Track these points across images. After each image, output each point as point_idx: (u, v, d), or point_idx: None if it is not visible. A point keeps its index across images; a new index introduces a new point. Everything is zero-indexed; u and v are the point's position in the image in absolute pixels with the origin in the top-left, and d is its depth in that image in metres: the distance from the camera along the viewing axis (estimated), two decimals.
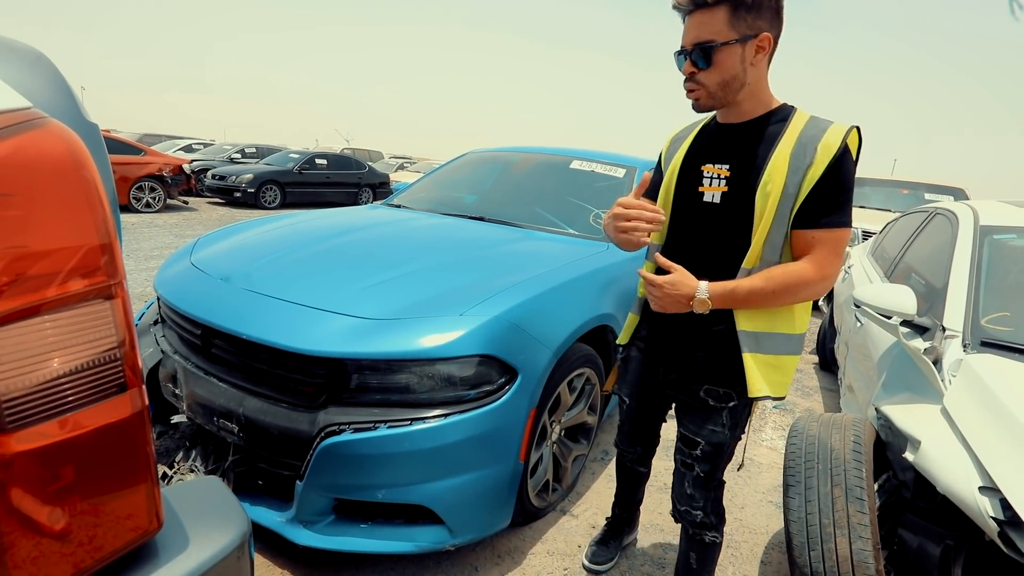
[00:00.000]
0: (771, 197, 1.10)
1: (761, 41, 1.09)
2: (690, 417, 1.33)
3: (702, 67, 1.11)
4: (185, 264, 2.00)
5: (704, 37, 1.09)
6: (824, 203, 1.09)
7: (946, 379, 1.54)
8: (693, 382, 1.30)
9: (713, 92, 1.13)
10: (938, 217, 2.46)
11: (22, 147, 0.43)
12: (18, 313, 0.44)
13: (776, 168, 1.10)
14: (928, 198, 6.11)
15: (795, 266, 1.12)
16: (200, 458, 1.73)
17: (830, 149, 1.07)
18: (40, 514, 0.49)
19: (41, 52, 0.97)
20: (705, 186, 1.21)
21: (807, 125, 1.12)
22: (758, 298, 1.13)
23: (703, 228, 1.23)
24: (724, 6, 1.06)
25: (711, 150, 1.23)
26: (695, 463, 1.34)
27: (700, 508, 1.38)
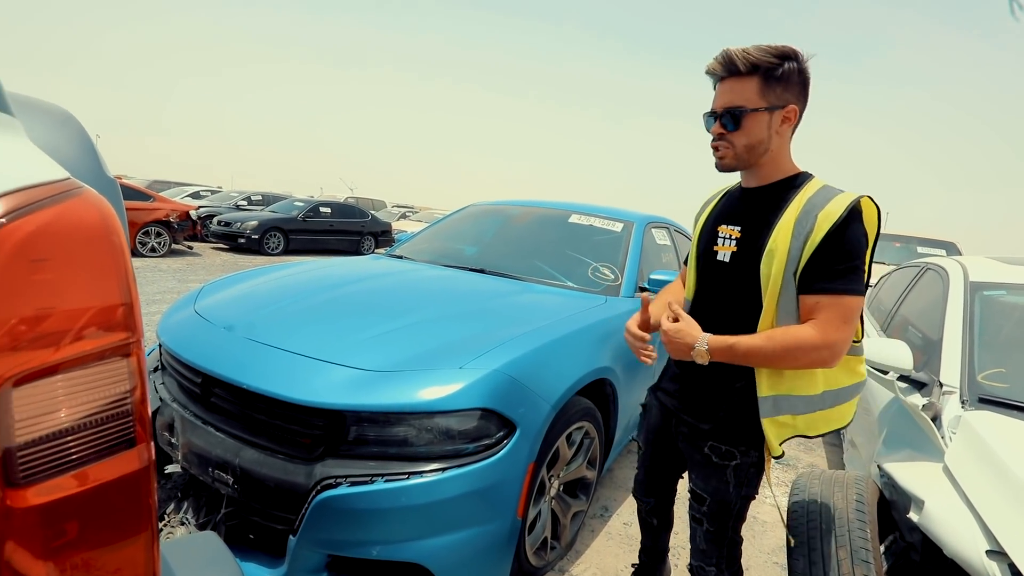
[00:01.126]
0: (776, 260, 1.13)
1: (787, 112, 1.16)
2: (697, 472, 1.35)
3: (730, 129, 1.17)
4: (189, 312, 2.02)
5: (735, 103, 1.15)
6: (825, 269, 1.10)
7: (946, 436, 1.54)
8: (699, 437, 1.31)
9: (739, 153, 1.18)
10: (929, 272, 2.51)
11: (59, 216, 0.47)
12: (42, 370, 0.46)
13: (781, 232, 1.14)
14: (920, 251, 6.22)
15: (797, 328, 1.12)
16: (192, 510, 1.69)
17: (831, 217, 1.09)
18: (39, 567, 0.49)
19: (70, 113, 1.04)
20: (719, 245, 1.27)
21: (816, 193, 1.15)
22: (758, 357, 1.13)
23: (717, 286, 1.28)
24: (756, 76, 1.13)
25: (729, 212, 1.30)
26: (704, 519, 1.34)
27: (714, 564, 1.37)
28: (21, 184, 0.48)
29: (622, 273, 2.67)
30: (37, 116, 0.95)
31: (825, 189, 1.16)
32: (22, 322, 0.45)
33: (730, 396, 1.25)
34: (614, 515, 2.41)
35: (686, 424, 1.35)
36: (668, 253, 3.41)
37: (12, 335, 0.45)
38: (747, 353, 1.13)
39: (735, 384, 1.24)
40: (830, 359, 1.11)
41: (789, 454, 3.35)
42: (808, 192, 1.16)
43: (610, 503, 2.50)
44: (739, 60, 1.13)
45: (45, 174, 0.50)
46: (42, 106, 0.98)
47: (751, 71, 1.13)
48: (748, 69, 1.13)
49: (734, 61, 1.14)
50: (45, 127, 0.93)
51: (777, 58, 1.12)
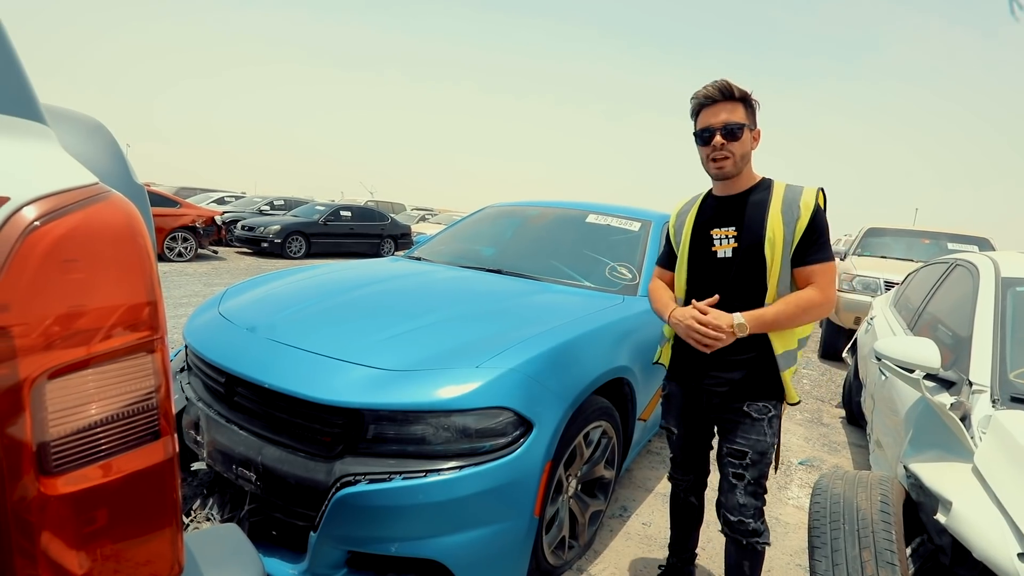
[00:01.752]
0: (776, 246, 1.44)
1: (755, 134, 1.51)
2: (736, 432, 1.56)
3: (730, 140, 1.44)
4: (213, 314, 2.08)
5: (733, 120, 1.44)
6: (812, 245, 1.44)
7: (975, 436, 1.50)
8: (735, 400, 1.55)
9: (737, 161, 1.47)
10: (958, 268, 2.44)
11: (88, 219, 0.49)
12: (72, 364, 0.48)
13: (775, 224, 1.45)
14: (951, 248, 6.03)
15: (805, 292, 1.45)
16: (217, 506, 1.74)
17: (809, 206, 1.44)
18: (75, 555, 0.51)
19: (100, 122, 1.08)
20: (717, 245, 1.54)
21: (787, 191, 1.49)
22: (781, 319, 1.43)
23: (719, 279, 1.54)
24: (742, 102, 1.46)
25: (716, 217, 1.56)
26: (746, 471, 1.55)
27: (751, 516, 1.56)
28: (53, 189, 0.50)
29: (639, 272, 2.66)
30: (70, 125, 0.99)
31: (790, 186, 1.50)
32: (55, 319, 0.48)
33: (751, 364, 1.52)
34: (633, 515, 2.39)
35: (718, 395, 1.57)
36: None
37: (46, 332, 0.47)
38: (775, 318, 1.42)
39: (751, 354, 1.51)
40: (829, 311, 1.46)
41: (813, 455, 3.29)
42: (779, 190, 1.49)
43: (629, 503, 2.48)
44: (734, 88, 1.45)
45: (75, 179, 0.53)
46: (75, 116, 1.03)
47: (740, 99, 1.45)
48: (739, 95, 1.45)
49: (731, 88, 1.44)
50: (77, 136, 0.97)
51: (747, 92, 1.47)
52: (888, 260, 6.09)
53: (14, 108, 0.54)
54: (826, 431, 3.74)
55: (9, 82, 0.55)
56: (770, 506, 2.61)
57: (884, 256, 6.32)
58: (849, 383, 3.95)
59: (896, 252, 6.41)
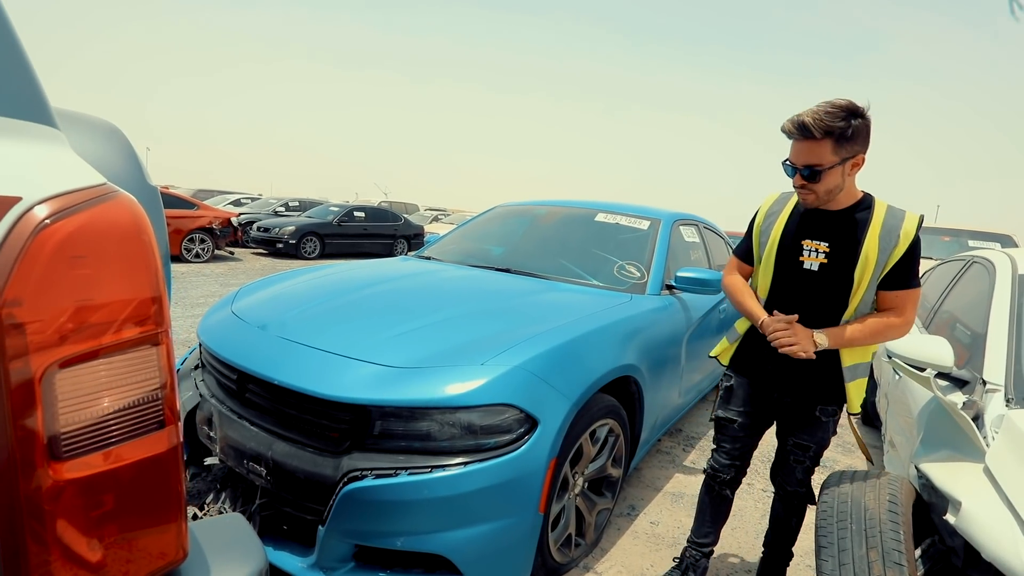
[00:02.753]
0: (867, 269, 1.46)
1: (856, 160, 1.41)
2: (805, 430, 1.69)
3: (812, 182, 1.41)
4: (226, 312, 2.12)
5: (812, 161, 1.38)
6: (905, 272, 1.47)
7: (988, 436, 1.47)
8: (808, 404, 1.66)
9: (820, 197, 1.45)
10: (975, 266, 2.39)
11: (96, 217, 0.52)
12: (81, 356, 0.51)
13: (870, 248, 1.46)
14: (972, 245, 5.90)
15: (886, 318, 1.50)
16: (229, 500, 1.77)
17: (909, 235, 1.44)
18: (83, 538, 0.54)
19: (115, 126, 1.12)
20: (806, 256, 1.54)
21: (887, 215, 1.47)
22: (858, 339, 1.49)
23: (802, 290, 1.57)
24: (829, 139, 1.34)
25: (809, 229, 1.55)
26: (807, 460, 1.72)
27: (806, 487, 1.77)
28: (63, 189, 0.53)
29: (648, 271, 2.65)
30: (87, 129, 1.03)
31: (892, 210, 1.48)
32: (64, 313, 0.50)
33: (822, 371, 1.60)
34: (641, 514, 2.39)
35: (791, 395, 1.67)
36: (697, 250, 3.36)
37: (56, 325, 0.50)
38: (851, 337, 1.49)
39: (824, 365, 1.59)
40: (907, 333, 1.53)
41: (827, 456, 3.25)
42: (880, 213, 1.47)
43: (637, 502, 2.48)
44: (814, 128, 1.33)
45: (84, 179, 0.55)
46: (91, 121, 1.06)
47: (825, 135, 1.34)
48: (822, 135, 1.34)
49: (809, 129, 1.34)
50: (94, 139, 1.01)
51: (844, 120, 1.32)
52: None
53: (27, 113, 0.57)
54: (841, 432, 3.69)
55: (23, 89, 0.57)
56: None
57: None
58: None
59: None
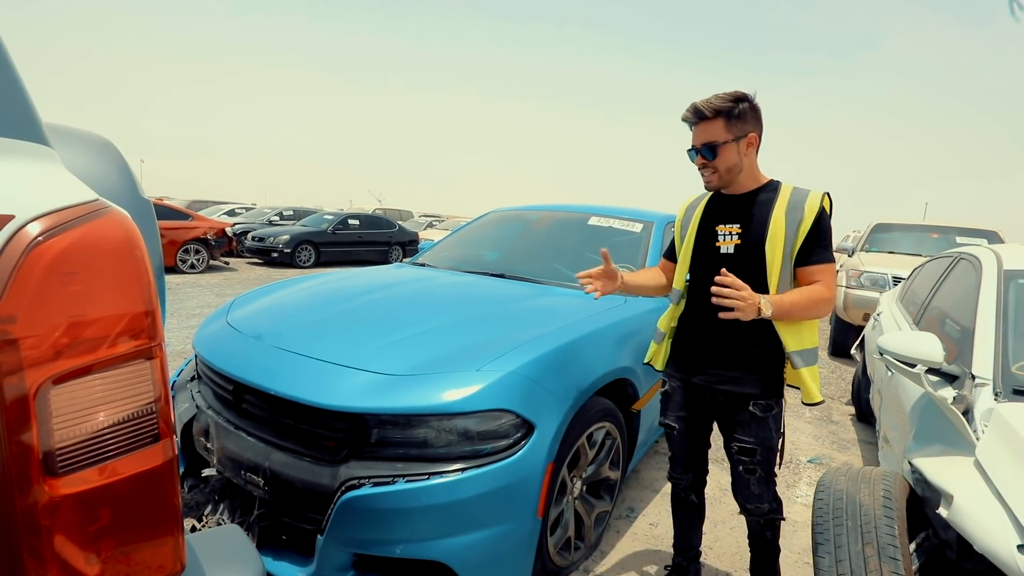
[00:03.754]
0: (776, 246, 1.49)
1: (749, 139, 1.50)
2: (743, 430, 1.61)
3: (710, 158, 1.50)
4: (222, 323, 2.12)
5: (708, 139, 1.49)
6: (816, 246, 1.49)
7: (978, 429, 1.49)
8: (740, 399, 1.59)
9: (722, 175, 1.52)
10: (962, 262, 2.42)
11: (88, 234, 0.52)
12: (75, 371, 0.51)
13: (777, 224, 1.49)
14: (960, 242, 5.96)
15: (814, 287, 1.49)
16: (227, 511, 1.77)
17: (813, 208, 1.49)
18: (79, 554, 0.54)
19: (107, 140, 1.12)
20: (721, 241, 1.59)
21: (792, 193, 1.53)
22: (799, 308, 1.46)
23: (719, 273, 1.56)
24: (720, 118, 1.46)
25: (721, 215, 1.61)
26: (757, 467, 1.61)
27: (767, 501, 1.66)
28: (55, 206, 0.54)
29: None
30: (79, 144, 1.04)
31: (797, 189, 1.54)
32: (57, 329, 0.51)
33: (754, 362, 1.57)
34: (640, 516, 2.40)
35: (723, 393, 1.61)
36: None
37: (49, 341, 0.51)
38: (791, 305, 1.45)
39: (755, 352, 1.57)
40: (831, 309, 1.54)
41: (823, 452, 3.27)
42: (786, 193, 1.53)
43: (636, 504, 2.49)
44: (705, 109, 1.47)
45: (76, 196, 0.56)
46: (83, 136, 1.07)
47: (715, 115, 1.46)
48: (713, 114, 1.46)
49: (701, 110, 1.48)
50: (86, 154, 1.01)
51: (732, 102, 1.45)
52: (896, 255, 6.03)
53: (19, 132, 0.58)
54: (835, 428, 3.71)
55: (14, 108, 0.58)
56: None
57: (892, 251, 6.26)
58: (858, 380, 3.92)
59: (904, 247, 6.35)
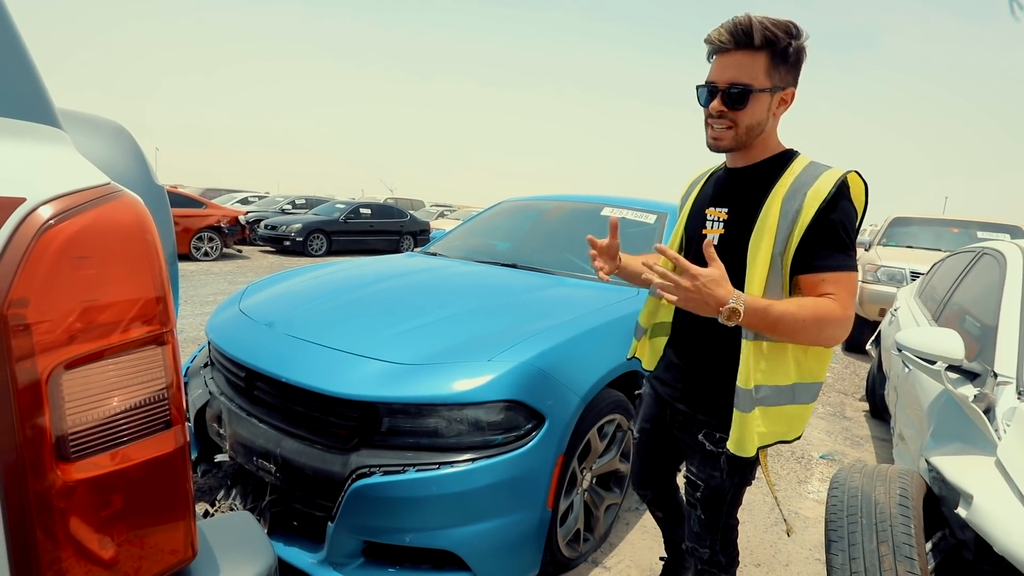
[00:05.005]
0: (764, 240, 1.09)
1: (786, 95, 1.12)
2: (690, 459, 1.33)
3: (734, 107, 1.09)
4: (234, 310, 2.13)
5: (742, 79, 1.07)
6: (822, 247, 1.06)
7: (999, 428, 1.46)
8: (694, 425, 1.28)
9: (740, 134, 1.12)
10: (985, 257, 2.36)
11: (99, 218, 0.52)
12: (87, 357, 0.51)
13: (769, 212, 1.10)
14: (981, 236, 5.83)
15: (826, 300, 1.05)
16: (240, 497, 1.79)
17: (819, 195, 1.05)
18: (92, 539, 0.54)
19: (122, 126, 1.12)
20: (708, 228, 1.22)
21: (804, 171, 1.10)
22: (789, 324, 1.03)
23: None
24: (765, 52, 1.05)
25: (716, 194, 1.25)
26: (698, 504, 1.31)
27: (708, 547, 1.35)
28: (67, 190, 0.53)
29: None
30: (93, 130, 1.03)
31: (812, 166, 1.12)
32: (69, 313, 0.50)
33: (724, 386, 1.18)
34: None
35: (681, 413, 1.32)
36: None
37: (61, 325, 0.50)
38: (780, 318, 1.03)
39: (720, 363, 1.19)
40: (845, 335, 1.07)
41: (835, 449, 3.23)
42: (795, 170, 1.11)
43: None
44: (755, 32, 1.03)
45: (88, 180, 0.55)
46: (98, 121, 1.07)
47: (763, 46, 1.05)
48: (761, 43, 1.04)
49: (751, 32, 1.03)
50: (101, 140, 1.01)
51: (787, 35, 1.05)
52: (914, 250, 5.93)
53: (31, 114, 0.57)
54: (849, 424, 3.67)
55: (26, 90, 0.58)
56: (790, 500, 2.58)
57: (910, 246, 6.15)
58: (873, 376, 3.86)
59: (923, 242, 6.23)
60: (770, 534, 2.28)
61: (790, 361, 1.13)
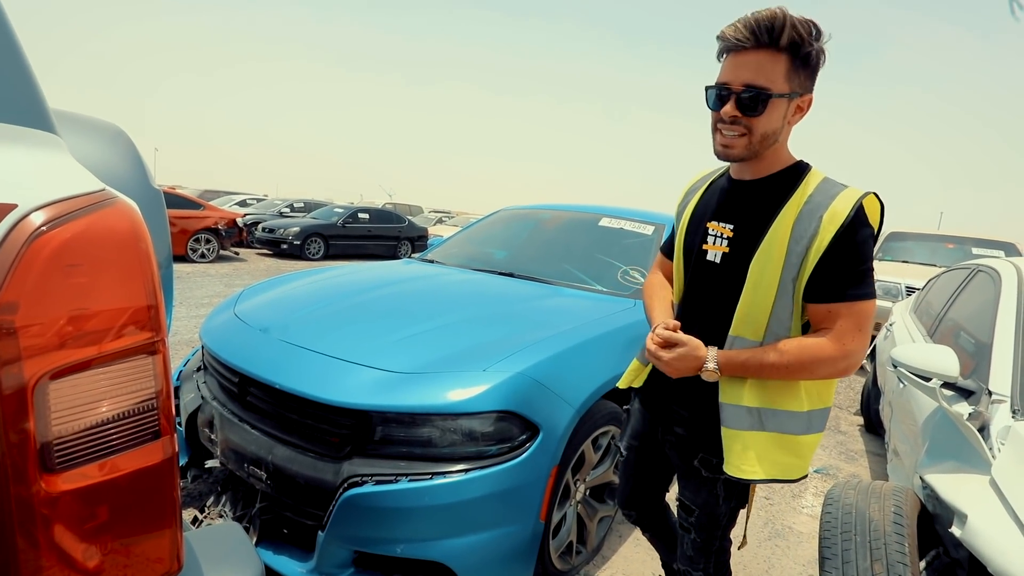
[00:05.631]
0: (770, 264, 1.03)
1: (803, 102, 1.04)
2: (685, 483, 1.28)
3: (749, 113, 1.01)
4: (229, 314, 2.12)
5: (760, 82, 0.98)
6: (837, 275, 1.01)
7: (994, 447, 1.46)
8: (689, 447, 1.23)
9: (753, 142, 1.03)
10: (980, 274, 2.37)
11: (92, 225, 0.51)
12: (75, 365, 0.50)
13: (778, 233, 1.03)
14: (976, 253, 5.87)
15: (811, 340, 1.02)
16: (229, 503, 1.77)
17: (837, 218, 0.98)
18: (76, 550, 0.53)
19: (121, 129, 1.12)
20: (709, 244, 1.15)
21: (817, 189, 1.04)
22: (773, 372, 1.03)
23: (707, 289, 1.17)
24: (787, 54, 0.97)
25: (720, 207, 1.16)
26: (691, 529, 1.28)
27: (701, 570, 1.31)
28: (59, 196, 0.53)
29: None
30: (91, 132, 1.03)
31: (826, 183, 1.05)
32: (59, 321, 0.50)
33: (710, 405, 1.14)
34: None
35: (674, 434, 1.26)
36: None
37: (50, 333, 0.49)
38: (760, 369, 1.03)
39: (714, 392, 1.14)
40: (848, 369, 1.03)
41: (829, 463, 3.22)
42: (808, 188, 1.04)
43: None
44: (785, 31, 0.95)
45: (81, 186, 0.55)
46: (96, 124, 1.06)
47: (787, 47, 0.96)
48: (787, 44, 0.96)
49: (779, 31, 0.95)
50: (98, 142, 1.00)
51: (810, 36, 0.97)
52: (910, 265, 5.95)
53: (25, 118, 0.56)
54: (843, 439, 3.67)
55: (21, 94, 0.57)
56: (783, 515, 2.57)
57: (906, 261, 6.18)
58: (868, 390, 3.87)
59: (919, 257, 6.27)
60: (763, 549, 2.27)
61: (799, 385, 1.09)
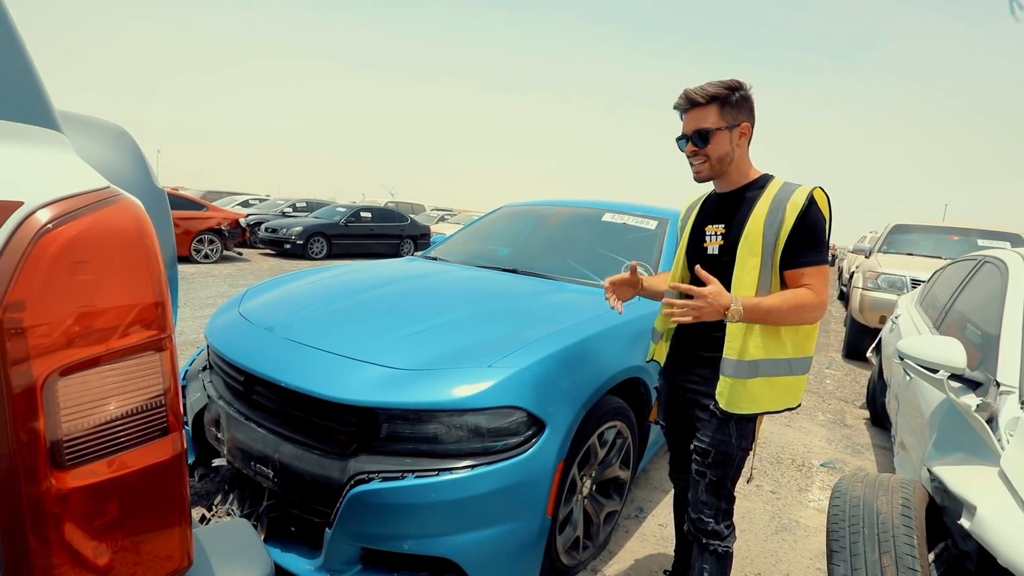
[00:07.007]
0: (753, 248, 1.41)
1: (743, 129, 1.44)
2: (702, 429, 1.52)
3: (701, 146, 1.44)
4: (233, 314, 2.12)
5: (701, 125, 1.43)
6: (801, 247, 1.38)
7: (1003, 438, 1.45)
8: (705, 398, 1.51)
9: (713, 164, 1.46)
10: (987, 265, 2.36)
11: (97, 222, 0.51)
12: (83, 363, 0.50)
13: (755, 226, 1.41)
14: (982, 244, 5.83)
15: (800, 290, 1.39)
16: (237, 502, 1.78)
17: (796, 206, 1.37)
18: (87, 548, 0.53)
19: (124, 129, 1.12)
20: (708, 242, 1.54)
21: (779, 190, 1.42)
22: (776, 313, 1.36)
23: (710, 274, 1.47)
24: (714, 104, 1.41)
25: (712, 214, 1.57)
26: (707, 470, 1.50)
27: (712, 516, 1.52)
28: (65, 193, 0.53)
29: (656, 271, 2.63)
30: (95, 132, 1.03)
31: (786, 186, 1.43)
32: (66, 318, 0.50)
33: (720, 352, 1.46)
34: (649, 516, 2.37)
35: (690, 391, 1.57)
36: None
37: (58, 330, 0.49)
38: (769, 310, 1.35)
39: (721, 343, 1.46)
40: (822, 315, 1.40)
41: (836, 457, 3.22)
42: (772, 190, 1.43)
43: (645, 504, 2.47)
44: (698, 95, 1.42)
45: (87, 183, 0.55)
46: (100, 124, 1.07)
47: (710, 101, 1.41)
48: (707, 100, 1.41)
49: (694, 96, 1.42)
50: (102, 142, 1.00)
51: (727, 89, 1.41)
52: (915, 257, 5.92)
53: (30, 116, 0.56)
54: (849, 432, 3.66)
55: (26, 92, 0.57)
56: (790, 509, 2.57)
57: (911, 253, 6.15)
58: (873, 383, 3.85)
59: (923, 249, 6.23)
60: (770, 543, 2.27)
61: (784, 339, 1.43)
